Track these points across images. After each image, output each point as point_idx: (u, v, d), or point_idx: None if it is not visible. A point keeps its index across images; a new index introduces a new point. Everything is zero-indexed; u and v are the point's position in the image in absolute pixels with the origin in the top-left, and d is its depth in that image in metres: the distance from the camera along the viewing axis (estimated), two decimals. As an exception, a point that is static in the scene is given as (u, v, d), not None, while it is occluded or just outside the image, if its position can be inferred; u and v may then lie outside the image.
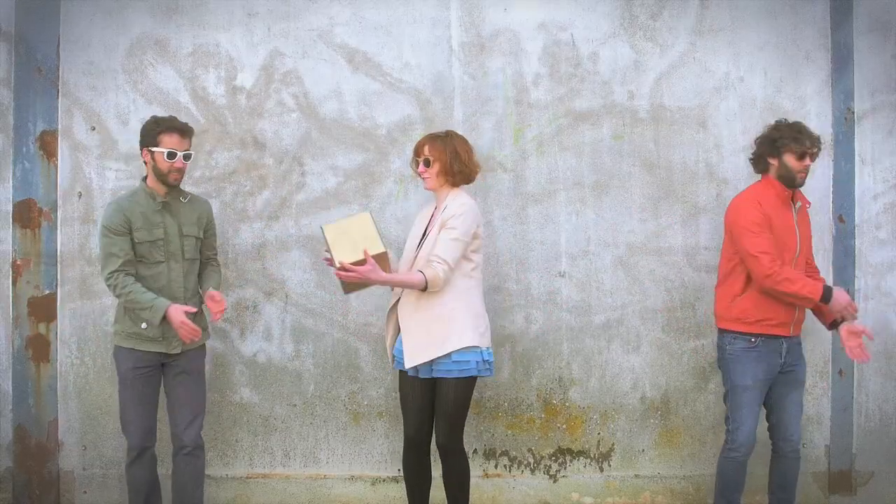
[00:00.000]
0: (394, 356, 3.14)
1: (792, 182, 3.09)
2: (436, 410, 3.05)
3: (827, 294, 3.00)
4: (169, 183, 3.06)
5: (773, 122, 3.22)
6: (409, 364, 2.97)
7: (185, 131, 3.07)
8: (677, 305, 3.67)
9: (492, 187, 3.61)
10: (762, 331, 3.09)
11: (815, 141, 3.10)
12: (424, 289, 2.91)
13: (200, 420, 3.20)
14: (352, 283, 2.93)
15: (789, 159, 3.06)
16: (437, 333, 2.95)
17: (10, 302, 3.61)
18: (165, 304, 2.96)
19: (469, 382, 3.01)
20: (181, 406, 3.15)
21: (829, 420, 3.69)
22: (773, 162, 3.10)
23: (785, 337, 3.11)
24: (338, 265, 2.78)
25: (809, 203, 3.24)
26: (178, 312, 2.95)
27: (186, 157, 3.07)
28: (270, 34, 3.62)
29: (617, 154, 3.65)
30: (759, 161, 3.17)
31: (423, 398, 3.07)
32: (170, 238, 3.08)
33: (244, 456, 3.68)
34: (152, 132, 3.02)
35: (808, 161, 3.07)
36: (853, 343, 3.04)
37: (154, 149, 3.01)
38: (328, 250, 2.88)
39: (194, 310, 3.04)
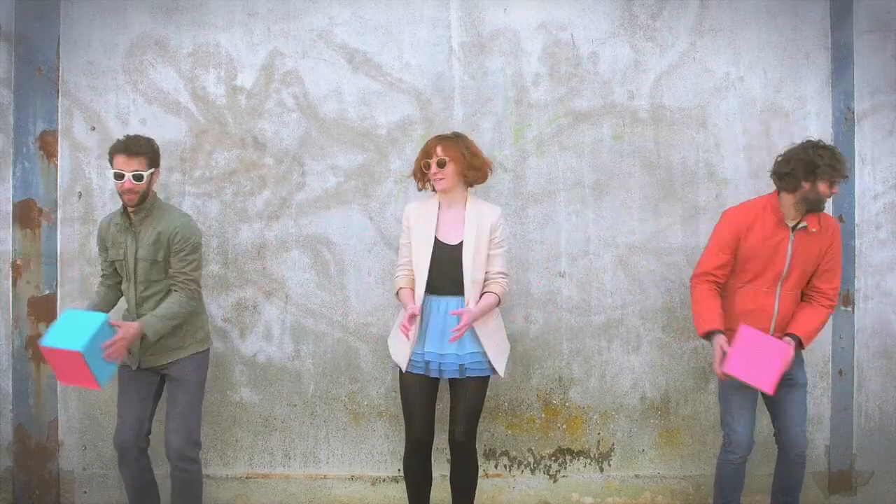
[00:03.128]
0: (411, 360, 3.09)
1: (816, 207, 3.02)
2: (455, 408, 3.09)
3: (708, 336, 3.05)
4: (125, 203, 3.02)
5: (800, 141, 3.08)
6: (503, 371, 3.11)
7: (132, 151, 2.96)
8: (677, 305, 3.67)
9: (492, 187, 3.61)
10: None
11: (845, 171, 3.03)
12: (497, 304, 3.11)
13: (185, 430, 3.08)
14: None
15: (822, 186, 2.98)
16: (502, 337, 3.20)
17: (10, 302, 3.61)
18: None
19: (487, 380, 3.13)
20: (169, 412, 3.13)
21: (829, 420, 3.69)
22: (806, 185, 2.99)
23: None
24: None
25: (822, 226, 3.08)
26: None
27: (137, 178, 2.95)
28: (270, 34, 3.62)
29: (617, 154, 3.65)
30: (789, 179, 3.02)
31: (430, 400, 3.11)
32: (127, 259, 3.07)
33: (244, 456, 3.68)
34: (110, 152, 3.02)
35: (835, 189, 3.01)
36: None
37: (111, 169, 3.00)
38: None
39: (116, 324, 2.88)
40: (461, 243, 3.05)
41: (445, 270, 3.03)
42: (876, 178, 3.68)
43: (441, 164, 3.03)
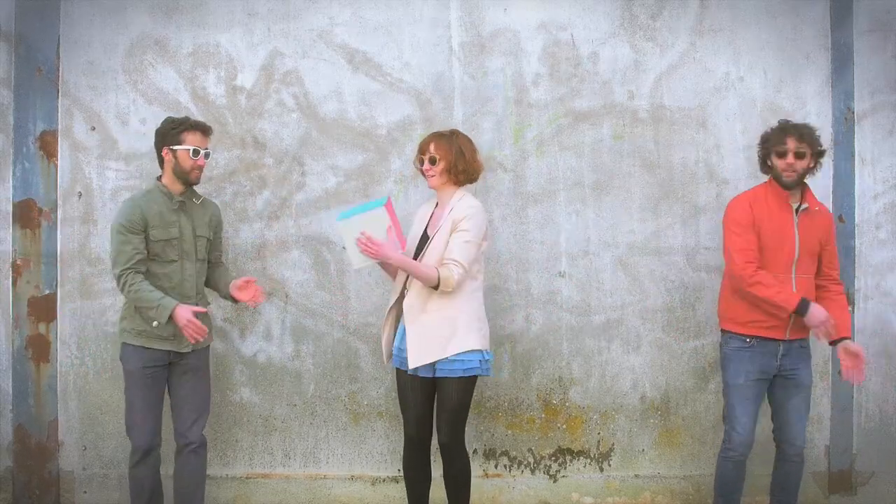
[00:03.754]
0: (391, 353, 3.15)
1: (784, 183, 3.06)
2: (437, 409, 3.06)
3: (802, 307, 2.97)
4: (190, 181, 3.09)
5: (775, 122, 3.19)
6: (413, 365, 2.98)
7: (206, 130, 3.13)
8: (677, 305, 3.67)
9: (492, 187, 3.61)
10: (755, 332, 3.10)
11: (803, 137, 3.03)
12: (436, 287, 2.92)
13: (205, 418, 3.22)
14: (365, 254, 2.93)
15: (774, 159, 3.08)
16: (442, 336, 2.96)
17: (10, 302, 3.60)
18: (173, 303, 2.95)
19: (471, 381, 3.03)
20: (187, 404, 3.15)
21: (829, 420, 3.69)
22: (770, 163, 3.12)
23: (782, 340, 3.09)
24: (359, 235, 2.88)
25: (819, 206, 3.16)
26: (186, 312, 2.93)
27: (206, 156, 3.12)
28: (270, 34, 3.62)
29: (617, 154, 3.65)
30: (762, 163, 3.18)
31: (423, 397, 3.08)
32: (184, 237, 3.09)
33: (244, 456, 3.68)
34: (175, 130, 3.04)
35: (790, 159, 3.03)
36: (848, 364, 3.04)
37: (177, 147, 3.03)
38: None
39: (203, 310, 3.04)
40: None
41: None
42: (876, 178, 3.67)
43: (432, 162, 3.04)
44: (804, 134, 3.05)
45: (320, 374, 3.67)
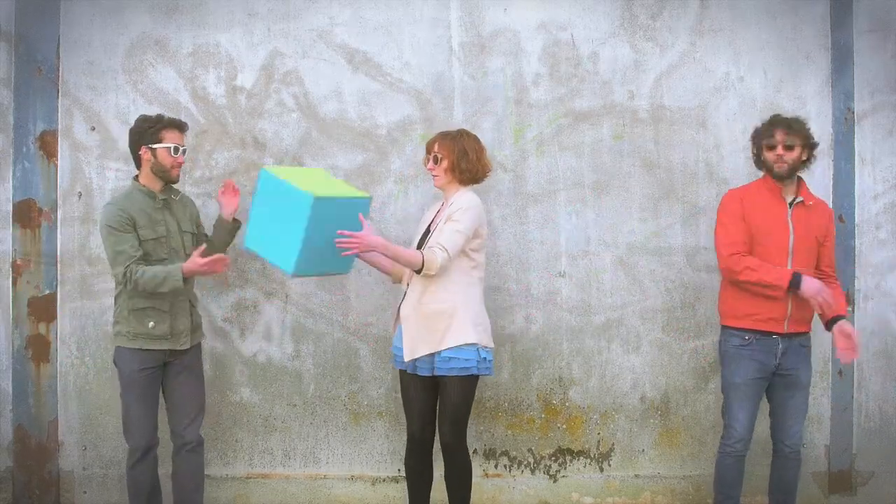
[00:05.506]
0: (393, 354, 3.16)
1: (772, 174, 3.09)
2: (439, 409, 3.06)
3: (795, 279, 2.96)
4: (170, 179, 3.10)
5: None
6: (407, 358, 2.99)
7: (182, 127, 3.14)
8: (677, 305, 3.67)
9: (492, 187, 3.61)
10: (753, 326, 3.08)
11: (792, 128, 3.05)
12: (419, 270, 2.90)
13: (201, 417, 3.23)
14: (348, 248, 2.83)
15: (765, 152, 3.10)
16: (437, 328, 2.96)
17: (10, 302, 3.60)
18: (178, 267, 2.96)
19: (471, 381, 3.03)
20: (184, 403, 3.16)
21: (829, 420, 3.69)
22: (762, 158, 3.14)
23: (781, 336, 3.07)
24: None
25: (814, 200, 3.13)
26: (193, 262, 2.94)
27: (184, 153, 3.14)
28: (270, 34, 3.62)
29: (617, 154, 3.65)
30: (756, 159, 3.20)
31: (425, 395, 3.09)
32: (171, 235, 3.10)
33: (244, 456, 3.68)
34: (153, 129, 3.04)
35: (779, 150, 3.05)
36: (842, 344, 3.04)
37: (156, 145, 3.03)
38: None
39: (203, 247, 3.00)
40: None
41: None
42: (876, 178, 3.68)
43: (436, 161, 3.05)
44: (793, 125, 3.07)
45: (320, 374, 3.67)
